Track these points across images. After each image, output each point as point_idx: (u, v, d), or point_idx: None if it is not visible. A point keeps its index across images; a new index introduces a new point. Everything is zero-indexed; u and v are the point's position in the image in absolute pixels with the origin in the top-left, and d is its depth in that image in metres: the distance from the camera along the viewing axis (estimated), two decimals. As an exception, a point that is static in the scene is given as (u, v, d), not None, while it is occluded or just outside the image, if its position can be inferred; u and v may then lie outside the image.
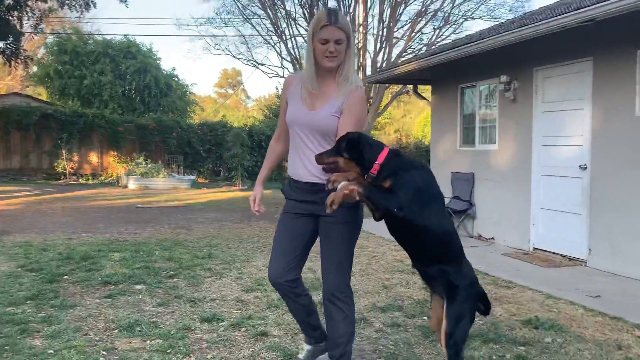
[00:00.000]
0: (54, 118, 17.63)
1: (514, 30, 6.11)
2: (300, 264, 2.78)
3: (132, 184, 15.85)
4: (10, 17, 11.94)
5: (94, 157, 18.49)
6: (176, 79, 25.85)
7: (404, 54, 11.03)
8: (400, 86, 12.06)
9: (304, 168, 2.65)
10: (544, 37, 5.80)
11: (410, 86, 11.19)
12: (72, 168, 17.67)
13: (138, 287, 4.63)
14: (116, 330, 3.55)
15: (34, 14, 12.46)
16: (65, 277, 4.90)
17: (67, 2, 12.13)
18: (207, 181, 19.36)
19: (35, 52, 25.97)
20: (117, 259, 5.71)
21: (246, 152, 17.93)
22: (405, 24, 11.45)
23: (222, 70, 56.48)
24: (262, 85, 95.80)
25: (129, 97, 22.99)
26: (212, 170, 20.26)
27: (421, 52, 11.25)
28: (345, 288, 2.68)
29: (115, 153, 18.46)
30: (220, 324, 3.73)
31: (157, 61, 24.38)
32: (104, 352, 3.18)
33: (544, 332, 3.69)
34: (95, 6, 12.38)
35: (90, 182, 17.21)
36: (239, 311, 4.03)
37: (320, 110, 2.60)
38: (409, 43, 11.33)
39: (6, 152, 17.52)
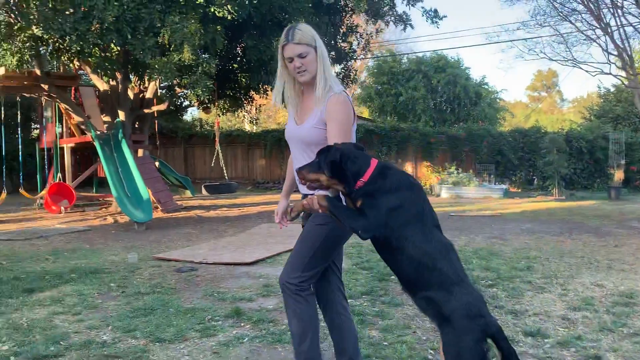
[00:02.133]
0: (375, 133, 19.62)
1: None
2: None
3: (445, 193, 16.40)
4: (345, 44, 13.83)
5: (409, 168, 19.85)
6: (485, 86, 25.74)
7: None
8: None
9: (299, 181, 2.66)
10: None
11: None
12: (390, 178, 19.30)
13: (458, 293, 4.78)
14: (441, 332, 3.74)
15: (362, 39, 14.10)
16: (392, 277, 5.40)
17: (391, 20, 13.31)
18: (519, 190, 18.63)
19: (358, 75, 29.43)
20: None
21: (563, 159, 16.56)
22: None
23: (536, 72, 53.69)
24: (580, 85, 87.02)
25: (440, 109, 23.92)
26: (524, 179, 19.40)
27: None
28: (293, 279, 2.66)
29: (428, 163, 19.42)
30: (545, 340, 3.57)
31: (466, 71, 24.75)
32: (431, 351, 3.39)
33: None
34: (412, 27, 13.35)
35: (406, 191, 18.47)
36: (566, 330, 3.78)
37: (305, 123, 2.68)
38: None
39: (338, 164, 20.31)
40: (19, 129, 13.07)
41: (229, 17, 9.34)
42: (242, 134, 22.14)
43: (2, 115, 11.92)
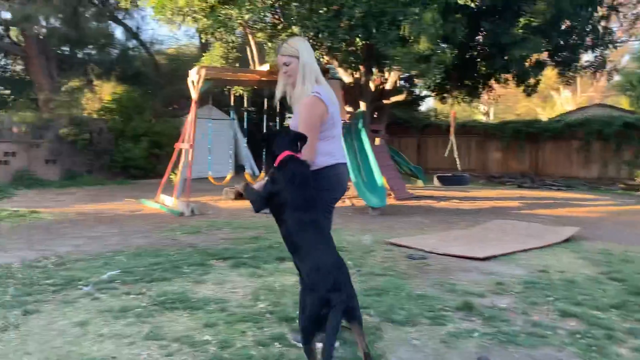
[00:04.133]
0: (636, 127, 17.11)
1: None
2: None
3: None
4: (599, 27, 12.24)
5: (677, 169, 16.85)
6: None
7: None
8: None
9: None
10: None
11: None
12: (651, 179, 16.66)
13: None
14: None
15: (625, 20, 12.29)
16: None
17: None
18: None
19: (618, 61, 25.90)
20: None
21: None
22: None
23: None
24: None
25: None
26: None
27: None
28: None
29: None
30: None
31: None
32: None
33: None
34: None
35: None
36: None
37: (293, 117, 3.37)
38: None
39: (585, 161, 18.28)
40: (277, 118, 14.82)
41: (472, 5, 9.13)
42: (477, 125, 21.49)
43: (265, 106, 13.64)
